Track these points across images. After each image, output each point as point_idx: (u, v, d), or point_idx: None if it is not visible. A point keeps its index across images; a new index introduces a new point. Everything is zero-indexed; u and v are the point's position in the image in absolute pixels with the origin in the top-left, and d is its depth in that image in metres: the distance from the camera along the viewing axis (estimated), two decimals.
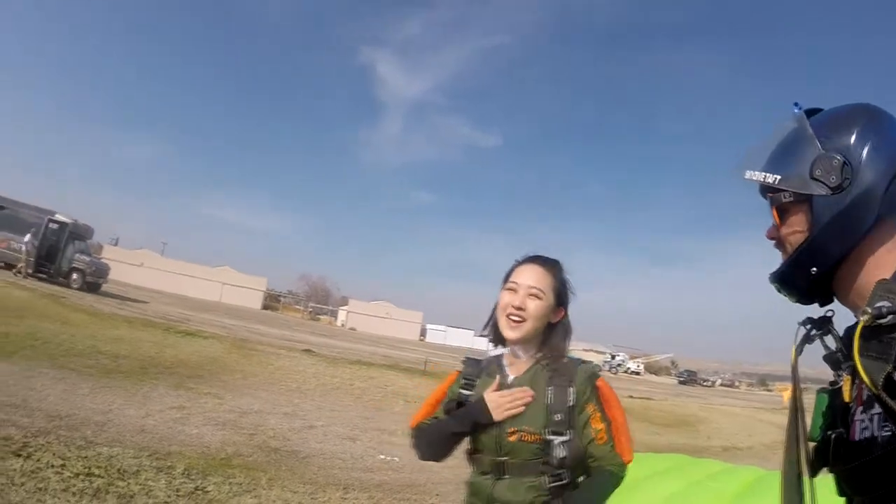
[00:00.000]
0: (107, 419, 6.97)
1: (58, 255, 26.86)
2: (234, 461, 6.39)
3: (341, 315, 78.75)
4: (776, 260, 1.26)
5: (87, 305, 19.49)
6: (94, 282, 28.09)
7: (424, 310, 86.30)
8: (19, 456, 4.91)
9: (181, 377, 11.02)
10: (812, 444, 1.15)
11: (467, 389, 2.11)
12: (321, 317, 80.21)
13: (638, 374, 78.25)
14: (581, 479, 1.97)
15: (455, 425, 2.06)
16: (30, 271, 25.36)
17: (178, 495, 4.87)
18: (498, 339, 2.13)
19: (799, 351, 1.20)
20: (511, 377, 2.07)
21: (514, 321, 2.03)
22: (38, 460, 4.89)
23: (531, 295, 2.04)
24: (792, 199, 1.18)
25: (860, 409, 1.03)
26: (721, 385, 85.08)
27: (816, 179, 1.12)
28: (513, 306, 2.03)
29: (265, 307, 70.90)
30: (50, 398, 7.36)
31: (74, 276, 27.17)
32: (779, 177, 1.19)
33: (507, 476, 1.96)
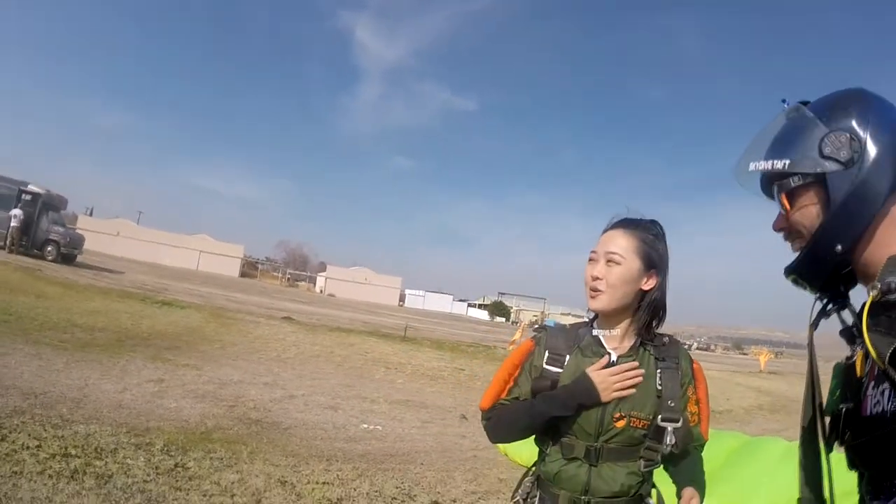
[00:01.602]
0: (83, 395, 6.86)
1: (31, 226, 26.37)
2: (214, 435, 6.34)
3: (320, 281, 78.68)
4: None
5: (62, 278, 19.22)
6: (68, 253, 27.76)
7: (404, 275, 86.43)
8: None
9: (158, 349, 10.90)
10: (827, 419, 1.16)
11: (555, 366, 1.89)
12: (300, 283, 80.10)
13: None
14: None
15: (557, 407, 1.84)
16: (14, 248, 25.05)
17: (157, 473, 4.80)
18: (594, 316, 1.97)
19: (815, 325, 1.21)
20: (615, 356, 1.88)
21: (593, 294, 1.87)
22: (14, 442, 4.79)
23: (609, 261, 1.87)
24: (801, 182, 1.19)
25: (872, 384, 1.02)
26: (697, 348, 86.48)
27: (827, 157, 1.14)
28: (591, 276, 1.88)
29: (243, 275, 70.68)
30: (24, 375, 7.22)
31: (49, 247, 26.80)
32: (787, 161, 1.19)
33: (602, 462, 1.83)
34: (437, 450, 7.51)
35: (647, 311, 1.89)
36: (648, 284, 1.89)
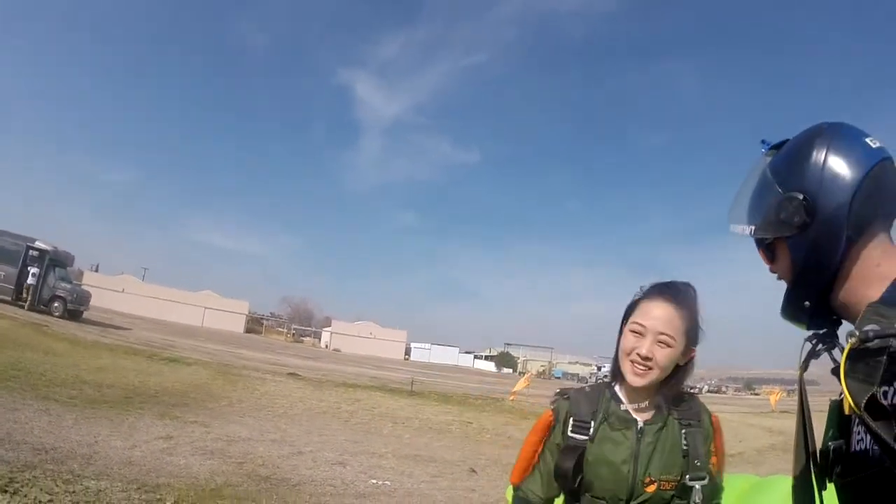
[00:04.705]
0: (93, 451, 6.87)
1: (39, 282, 26.56)
2: (224, 491, 6.31)
3: (325, 336, 78.31)
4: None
5: (70, 334, 19.28)
6: (75, 309, 27.87)
7: (409, 328, 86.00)
8: (6, 492, 4.83)
9: (166, 406, 10.88)
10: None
11: (580, 433, 1.87)
12: (305, 338, 79.66)
13: None
14: None
15: None
16: (32, 304, 25.47)
17: None
18: (618, 377, 1.93)
19: (805, 367, 1.22)
20: (640, 423, 1.87)
21: (640, 371, 1.82)
22: (26, 496, 4.81)
23: (660, 342, 1.81)
24: (771, 240, 1.26)
25: (857, 420, 1.04)
26: (708, 391, 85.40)
27: (783, 222, 1.20)
28: (638, 354, 1.81)
29: (248, 330, 70.43)
30: (35, 431, 7.24)
31: (56, 303, 26.96)
32: (753, 227, 1.28)
33: None
34: None
35: (678, 383, 1.90)
36: (685, 359, 1.89)
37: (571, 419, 1.89)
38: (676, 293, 1.87)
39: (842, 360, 0.99)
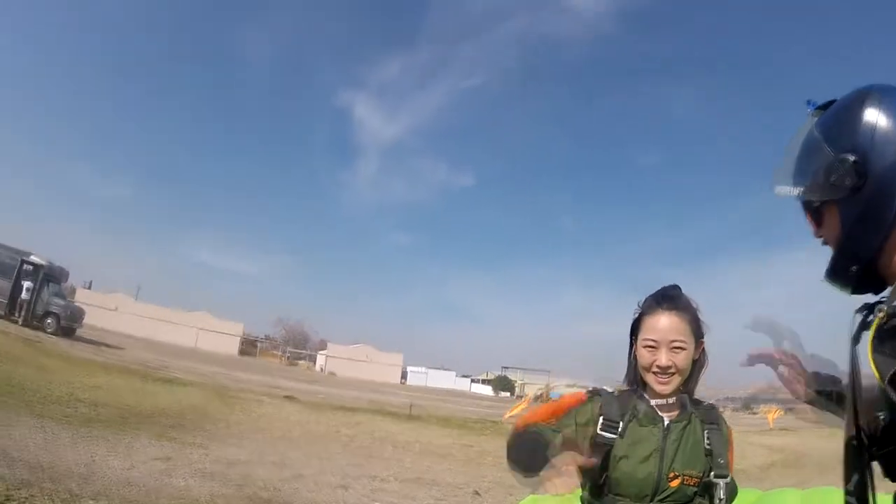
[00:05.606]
0: (90, 471, 6.66)
1: (32, 297, 26.29)
2: None
3: (320, 360, 77.79)
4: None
5: (63, 351, 19.09)
6: (68, 326, 27.55)
7: (405, 350, 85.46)
8: None
9: (163, 427, 10.66)
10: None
11: (609, 432, 1.91)
12: (299, 362, 79.10)
13: None
14: None
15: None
16: (26, 320, 25.36)
17: None
18: (639, 385, 2.01)
19: (856, 339, 1.17)
20: (667, 421, 1.94)
21: (664, 380, 1.91)
22: None
23: (674, 349, 1.91)
24: (820, 203, 1.23)
25: None
26: None
27: (833, 184, 1.16)
28: (659, 366, 1.91)
29: (242, 353, 69.87)
30: (30, 448, 7.03)
31: (49, 319, 26.64)
32: (801, 188, 1.26)
33: None
34: None
35: (697, 376, 2.00)
36: (697, 353, 1.98)
37: (601, 418, 1.94)
38: (671, 300, 1.98)
39: (869, 335, 1.01)
